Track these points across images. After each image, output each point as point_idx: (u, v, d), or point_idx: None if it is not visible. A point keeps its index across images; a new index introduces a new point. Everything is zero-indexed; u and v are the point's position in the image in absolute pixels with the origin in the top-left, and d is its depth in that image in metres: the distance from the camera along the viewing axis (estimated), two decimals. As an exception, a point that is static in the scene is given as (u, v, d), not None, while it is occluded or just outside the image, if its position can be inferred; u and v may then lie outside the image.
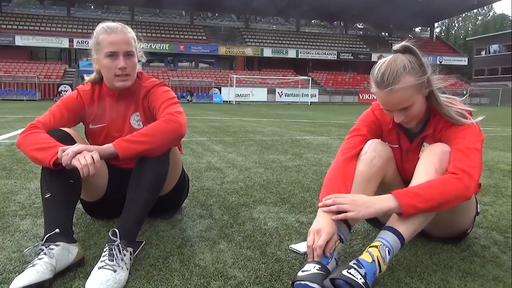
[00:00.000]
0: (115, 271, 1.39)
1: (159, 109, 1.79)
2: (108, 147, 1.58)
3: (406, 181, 1.55)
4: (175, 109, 1.76)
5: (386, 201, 1.39)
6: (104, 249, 1.48)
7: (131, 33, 1.83)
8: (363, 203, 1.39)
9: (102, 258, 1.45)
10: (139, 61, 1.89)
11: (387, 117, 1.68)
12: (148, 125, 1.67)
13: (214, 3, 39.04)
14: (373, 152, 1.60)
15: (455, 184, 1.39)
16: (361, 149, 1.63)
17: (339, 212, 1.41)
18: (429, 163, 1.50)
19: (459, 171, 1.42)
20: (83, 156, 1.50)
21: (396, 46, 1.51)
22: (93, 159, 1.51)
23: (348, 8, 40.83)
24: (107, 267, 1.39)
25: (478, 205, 1.76)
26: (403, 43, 1.51)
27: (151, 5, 42.23)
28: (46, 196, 1.58)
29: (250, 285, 1.40)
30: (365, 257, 1.33)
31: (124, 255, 1.46)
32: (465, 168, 1.42)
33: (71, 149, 1.51)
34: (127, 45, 1.78)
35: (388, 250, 1.35)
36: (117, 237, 1.49)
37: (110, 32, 1.76)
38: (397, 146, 1.70)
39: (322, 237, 1.38)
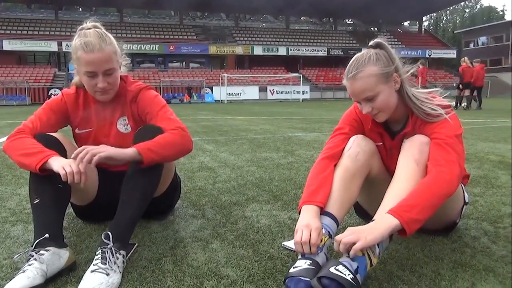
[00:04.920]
0: (108, 274, 1.38)
1: (158, 117, 1.80)
2: (133, 154, 1.61)
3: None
4: (180, 124, 1.80)
5: (387, 220, 1.33)
6: (97, 252, 1.47)
7: (111, 45, 1.72)
8: (365, 229, 1.32)
9: (94, 262, 1.44)
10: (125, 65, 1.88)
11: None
12: (166, 137, 1.70)
13: (204, 2, 38.85)
14: (357, 147, 1.61)
15: (437, 184, 1.40)
16: (342, 148, 1.64)
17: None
18: (409, 155, 1.52)
19: (439, 166, 1.43)
20: (68, 164, 1.50)
21: (370, 42, 1.58)
22: (78, 167, 1.52)
23: (337, 4, 40.90)
24: (99, 270, 1.39)
25: (466, 195, 1.78)
26: (376, 39, 1.58)
27: (140, 6, 41.99)
28: (35, 202, 1.57)
29: (244, 284, 1.41)
30: None
31: (117, 258, 1.45)
32: (444, 163, 1.44)
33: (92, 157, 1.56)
34: (106, 63, 1.69)
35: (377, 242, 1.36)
36: (110, 240, 1.48)
37: (87, 51, 1.66)
38: (381, 143, 1.71)
39: (313, 235, 1.37)
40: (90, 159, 1.55)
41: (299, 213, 1.49)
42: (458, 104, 14.01)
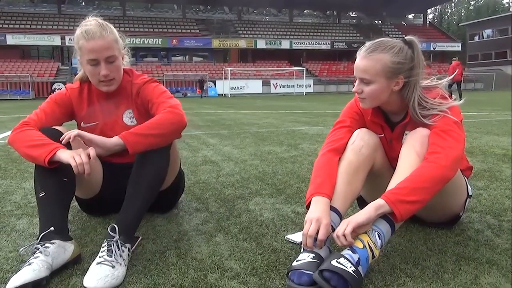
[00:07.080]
0: (113, 267, 1.39)
1: (156, 103, 1.80)
2: (115, 141, 1.59)
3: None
4: (173, 102, 1.78)
5: (374, 202, 1.38)
6: (103, 245, 1.49)
7: (112, 34, 1.74)
8: (354, 215, 1.37)
9: (100, 254, 1.45)
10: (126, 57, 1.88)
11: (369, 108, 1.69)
12: (153, 119, 1.69)
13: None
14: (361, 140, 1.60)
15: (431, 167, 1.41)
16: (346, 141, 1.63)
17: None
18: (410, 148, 1.52)
19: (435, 153, 1.44)
20: (78, 155, 1.51)
21: (406, 37, 1.57)
22: (88, 157, 1.52)
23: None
24: (105, 262, 1.40)
25: (470, 188, 1.77)
26: (412, 37, 1.56)
27: (142, 0, 41.86)
28: (40, 195, 1.58)
29: (247, 276, 1.42)
30: (356, 244, 1.34)
31: (123, 251, 1.47)
32: (440, 150, 1.44)
33: (71, 133, 1.57)
34: (107, 50, 1.71)
35: (378, 234, 1.36)
36: (116, 233, 1.49)
37: (88, 39, 1.68)
38: (382, 135, 1.71)
39: (322, 230, 1.37)
40: (69, 139, 1.58)
41: (307, 206, 1.49)
42: None
